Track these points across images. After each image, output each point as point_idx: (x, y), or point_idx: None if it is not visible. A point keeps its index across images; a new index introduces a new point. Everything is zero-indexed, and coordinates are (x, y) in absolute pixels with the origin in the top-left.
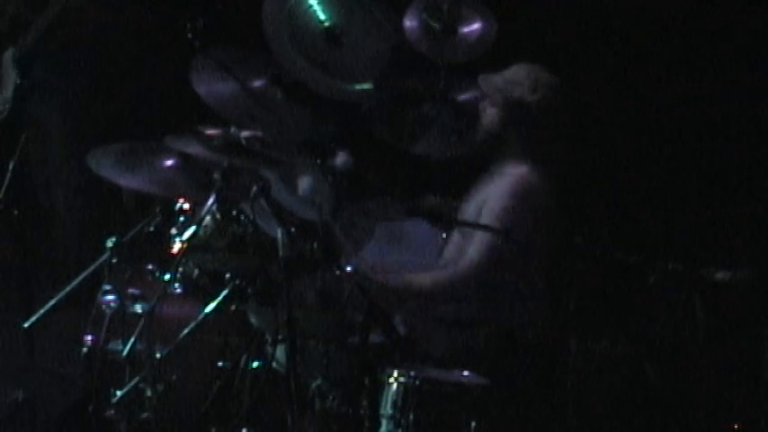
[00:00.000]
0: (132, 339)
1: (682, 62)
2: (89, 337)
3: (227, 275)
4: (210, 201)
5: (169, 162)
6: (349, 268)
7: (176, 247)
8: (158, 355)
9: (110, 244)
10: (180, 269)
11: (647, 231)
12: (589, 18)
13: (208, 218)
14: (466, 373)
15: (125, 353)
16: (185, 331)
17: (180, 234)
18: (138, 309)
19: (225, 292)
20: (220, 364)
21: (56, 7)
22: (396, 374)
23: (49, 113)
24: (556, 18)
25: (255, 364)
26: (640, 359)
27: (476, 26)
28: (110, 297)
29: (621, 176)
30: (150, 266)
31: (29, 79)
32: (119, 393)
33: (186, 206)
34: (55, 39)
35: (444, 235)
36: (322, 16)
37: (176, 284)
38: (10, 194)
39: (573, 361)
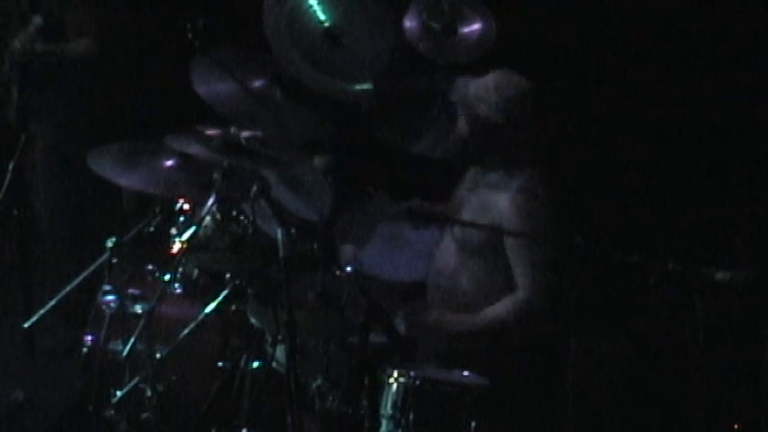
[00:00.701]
0: (132, 339)
1: (682, 62)
2: (89, 337)
3: (227, 275)
4: (210, 201)
5: (169, 162)
6: (348, 268)
7: (176, 247)
8: (158, 355)
9: (110, 244)
10: (180, 269)
11: (647, 231)
12: (589, 18)
13: (208, 218)
14: (466, 373)
15: (125, 353)
16: (185, 331)
17: (180, 234)
18: (138, 309)
19: (225, 292)
20: (220, 364)
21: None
22: (396, 374)
23: (41, 117)
24: (556, 18)
25: (255, 364)
26: (640, 359)
27: (476, 26)
28: (110, 297)
29: (621, 176)
30: (150, 266)
31: (23, 97)
32: (119, 393)
33: (186, 206)
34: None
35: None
36: (322, 16)
37: (176, 284)
38: (10, 195)
39: (573, 360)
